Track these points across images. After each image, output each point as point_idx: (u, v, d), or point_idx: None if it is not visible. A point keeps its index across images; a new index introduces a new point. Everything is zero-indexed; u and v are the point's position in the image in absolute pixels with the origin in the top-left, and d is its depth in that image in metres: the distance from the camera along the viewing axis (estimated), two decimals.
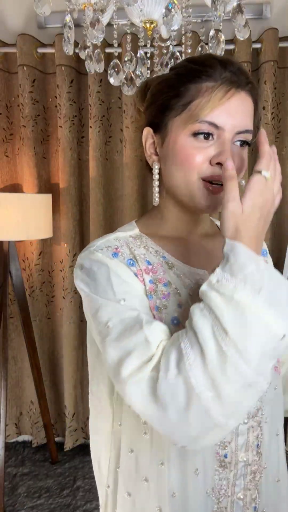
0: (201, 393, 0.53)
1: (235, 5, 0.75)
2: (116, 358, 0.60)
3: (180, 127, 0.66)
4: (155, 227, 0.75)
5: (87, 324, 0.77)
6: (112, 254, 0.67)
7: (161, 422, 0.57)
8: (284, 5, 2.03)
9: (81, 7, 0.84)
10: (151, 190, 0.75)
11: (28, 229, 1.88)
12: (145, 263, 0.69)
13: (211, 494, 0.69)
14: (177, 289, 0.68)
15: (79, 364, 2.29)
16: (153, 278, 0.68)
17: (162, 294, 0.67)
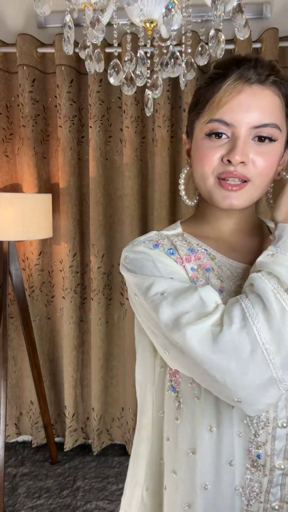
0: (264, 344, 0.57)
1: (235, 5, 0.75)
2: (173, 314, 0.62)
3: (198, 130, 0.70)
4: (197, 227, 0.79)
5: (134, 320, 0.78)
6: (153, 246, 0.71)
7: (222, 371, 0.58)
8: (284, 5, 2.03)
9: (81, 6, 0.84)
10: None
11: (28, 229, 1.88)
12: (186, 251, 0.72)
13: (240, 492, 0.68)
14: (219, 276, 0.70)
15: (79, 364, 2.29)
16: (195, 265, 0.71)
17: (203, 279, 0.69)
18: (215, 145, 0.67)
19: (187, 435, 0.71)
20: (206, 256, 0.73)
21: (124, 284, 2.19)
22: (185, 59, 0.96)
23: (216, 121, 0.66)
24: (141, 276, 0.68)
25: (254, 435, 0.67)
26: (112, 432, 2.36)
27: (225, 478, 0.68)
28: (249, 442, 0.67)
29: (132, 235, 2.11)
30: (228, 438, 0.67)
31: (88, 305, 2.27)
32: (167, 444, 0.75)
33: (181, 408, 0.71)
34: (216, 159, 0.67)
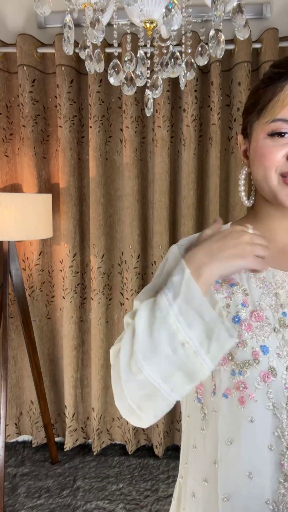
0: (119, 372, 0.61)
1: (235, 5, 0.75)
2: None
3: (259, 130, 0.70)
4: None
5: None
6: (184, 250, 0.74)
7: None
8: (284, 5, 2.03)
9: (81, 7, 0.84)
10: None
11: (28, 229, 1.88)
12: None
13: (273, 507, 0.66)
14: (246, 290, 0.71)
15: (79, 364, 2.29)
16: (220, 279, 0.71)
17: (226, 293, 0.71)
18: (278, 144, 0.67)
19: (209, 447, 0.71)
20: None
21: (124, 284, 2.19)
22: (185, 59, 0.96)
23: (280, 121, 0.66)
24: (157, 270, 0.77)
25: (287, 448, 0.65)
26: (112, 432, 2.36)
27: (249, 491, 0.66)
28: (281, 455, 0.65)
29: (132, 235, 2.12)
30: (250, 451, 0.66)
31: (88, 305, 2.27)
32: (194, 451, 0.76)
33: (206, 420, 0.72)
34: (280, 158, 0.67)
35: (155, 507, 1.89)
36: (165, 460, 2.23)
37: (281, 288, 0.70)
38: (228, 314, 0.69)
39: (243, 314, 0.68)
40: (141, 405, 0.62)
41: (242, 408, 0.65)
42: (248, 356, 0.65)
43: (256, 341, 0.66)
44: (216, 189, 2.03)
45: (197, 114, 2.03)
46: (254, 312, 0.68)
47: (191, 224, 2.07)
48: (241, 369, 0.65)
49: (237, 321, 0.68)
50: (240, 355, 0.66)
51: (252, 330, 0.67)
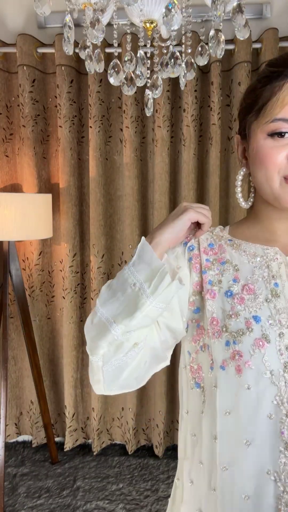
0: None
1: (235, 5, 0.75)
2: None
3: (258, 130, 0.69)
4: (246, 227, 0.80)
5: None
6: (183, 243, 0.78)
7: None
8: (284, 5, 2.03)
9: (81, 7, 0.84)
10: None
11: (28, 229, 1.88)
12: (206, 246, 0.77)
13: (273, 476, 0.65)
14: (236, 266, 0.74)
15: (79, 364, 2.29)
16: (211, 258, 0.76)
17: (217, 270, 0.75)
18: (278, 144, 0.66)
19: (208, 425, 0.72)
20: (228, 247, 0.77)
21: None
22: (185, 59, 0.96)
23: (280, 120, 0.65)
24: None
25: (286, 415, 0.65)
26: (112, 432, 2.36)
27: (249, 460, 0.66)
28: (281, 423, 0.65)
29: (132, 235, 2.12)
30: (249, 420, 0.66)
31: (88, 305, 2.27)
32: (193, 439, 0.77)
33: (205, 401, 0.73)
34: (282, 159, 0.66)
35: (155, 507, 1.89)
36: (165, 460, 2.23)
37: (273, 261, 0.73)
38: (220, 289, 0.73)
39: (235, 289, 0.72)
40: (92, 347, 0.69)
41: (239, 377, 0.66)
42: (241, 325, 0.68)
43: (249, 312, 0.69)
44: (216, 189, 2.03)
45: (197, 114, 2.03)
46: (245, 286, 0.71)
47: None
48: (235, 338, 0.68)
49: (230, 295, 0.72)
50: (234, 325, 0.69)
51: (244, 302, 0.70)
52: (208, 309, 0.72)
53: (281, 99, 0.65)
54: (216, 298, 0.72)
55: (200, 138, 2.10)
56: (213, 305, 0.72)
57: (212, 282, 0.73)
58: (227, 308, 0.71)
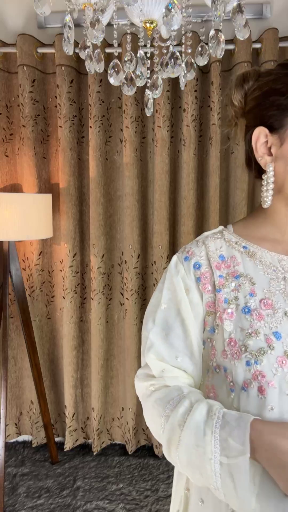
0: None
1: (235, 5, 0.75)
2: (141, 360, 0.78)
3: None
4: (255, 228, 0.76)
5: None
6: (184, 258, 0.75)
7: (147, 420, 0.74)
8: (284, 5, 2.03)
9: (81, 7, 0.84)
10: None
11: (28, 229, 1.88)
12: (217, 259, 0.73)
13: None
14: (252, 279, 0.70)
15: (79, 364, 2.29)
16: (224, 273, 0.72)
17: (232, 286, 0.71)
18: None
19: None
20: (243, 255, 0.73)
21: (124, 284, 2.19)
22: (185, 59, 0.96)
23: None
24: (158, 286, 0.78)
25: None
26: (112, 432, 2.36)
27: (272, 482, 0.64)
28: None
29: (132, 235, 2.12)
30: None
31: (88, 305, 2.27)
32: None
33: None
34: None
35: (155, 507, 1.89)
36: (165, 460, 2.23)
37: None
38: (238, 306, 0.69)
39: (252, 304, 0.68)
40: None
41: (262, 398, 0.64)
42: (262, 343, 0.65)
43: (269, 328, 0.66)
44: (216, 189, 2.03)
45: (197, 114, 2.03)
46: (263, 300, 0.68)
47: (191, 224, 2.07)
48: (256, 358, 0.65)
49: (247, 312, 0.68)
50: (254, 344, 0.66)
51: (264, 318, 0.67)
52: (225, 329, 0.69)
53: None
54: (234, 317, 0.69)
55: (200, 138, 2.10)
56: (231, 325, 0.68)
57: (228, 300, 0.70)
58: (245, 325, 0.67)
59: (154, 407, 0.70)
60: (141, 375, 0.76)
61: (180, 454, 0.63)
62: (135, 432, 2.28)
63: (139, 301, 2.19)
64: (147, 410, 0.73)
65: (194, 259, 0.74)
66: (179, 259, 0.75)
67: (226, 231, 0.78)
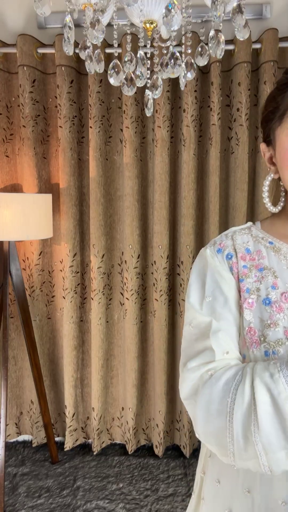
0: (233, 420, 0.61)
1: (235, 6, 0.75)
2: (185, 356, 0.73)
3: (282, 135, 0.71)
4: (280, 226, 0.80)
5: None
6: (217, 250, 0.78)
7: (192, 413, 0.68)
8: (284, 5, 2.03)
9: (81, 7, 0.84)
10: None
11: (28, 229, 1.88)
12: (243, 251, 0.77)
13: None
14: (275, 272, 0.73)
15: (79, 364, 2.29)
16: (248, 264, 0.75)
17: (255, 277, 0.74)
18: None
19: None
20: (269, 250, 0.76)
21: (124, 284, 2.20)
22: (185, 60, 0.96)
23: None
24: (193, 280, 0.77)
25: None
26: (112, 431, 2.36)
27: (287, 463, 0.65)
28: None
29: (132, 235, 2.12)
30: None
31: (88, 305, 2.27)
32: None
33: None
34: None
35: (155, 506, 1.89)
36: (165, 459, 2.23)
37: None
38: (259, 297, 0.72)
39: (273, 296, 0.71)
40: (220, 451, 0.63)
41: None
42: (280, 335, 0.68)
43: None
44: (216, 189, 2.04)
45: (197, 114, 2.03)
46: (284, 294, 0.71)
47: (191, 224, 2.08)
48: (274, 348, 0.67)
49: (268, 303, 0.71)
50: (273, 335, 0.68)
51: (283, 311, 0.69)
52: (245, 318, 0.71)
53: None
54: (254, 307, 0.72)
55: (200, 138, 2.10)
56: (251, 315, 0.71)
57: (250, 290, 0.73)
58: (265, 317, 0.70)
59: (224, 389, 0.63)
60: (193, 367, 0.69)
61: (260, 418, 0.58)
62: (135, 432, 2.28)
63: (139, 301, 2.20)
64: (206, 401, 0.64)
65: (227, 250, 0.77)
66: (213, 252, 0.78)
67: (254, 227, 0.82)
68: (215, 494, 0.77)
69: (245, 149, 2.01)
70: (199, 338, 0.71)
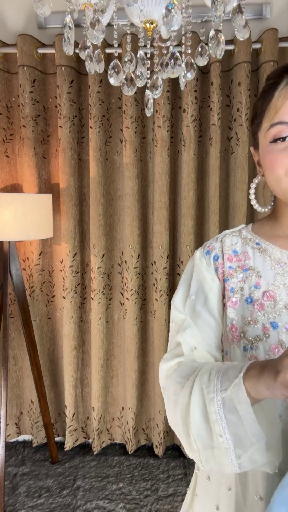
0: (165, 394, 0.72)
1: (235, 6, 0.75)
2: (168, 348, 0.80)
3: (262, 139, 0.74)
4: (269, 227, 0.83)
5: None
6: (205, 253, 0.82)
7: (165, 400, 0.73)
8: (284, 5, 2.04)
9: (81, 7, 0.84)
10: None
11: (28, 229, 1.88)
12: (230, 253, 0.81)
13: (278, 475, 0.65)
14: (259, 272, 0.76)
15: (79, 364, 2.29)
16: (234, 265, 0.79)
17: (240, 277, 0.77)
18: (282, 147, 0.70)
19: None
20: (255, 251, 0.79)
21: (124, 284, 2.20)
22: (185, 60, 0.96)
23: (277, 124, 0.69)
24: (182, 279, 0.83)
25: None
26: (112, 431, 2.36)
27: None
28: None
29: (132, 235, 2.12)
30: (264, 423, 0.63)
31: (88, 305, 2.27)
32: None
33: None
34: (286, 161, 0.70)
35: (155, 506, 1.89)
36: (165, 459, 2.23)
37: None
38: (242, 296, 0.75)
39: (255, 295, 0.74)
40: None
41: None
42: (259, 331, 0.71)
43: (267, 318, 0.72)
44: (216, 189, 2.04)
45: (197, 114, 2.03)
46: (266, 292, 0.74)
47: (191, 224, 2.08)
48: (252, 344, 0.71)
49: (250, 302, 0.74)
50: (252, 331, 0.71)
51: (264, 309, 0.72)
52: (228, 316, 0.75)
53: (274, 106, 0.70)
54: (238, 306, 0.75)
55: (200, 138, 2.10)
56: (234, 313, 0.75)
57: (234, 289, 0.76)
58: (246, 314, 0.73)
59: (177, 381, 0.68)
60: (167, 358, 0.76)
61: (192, 414, 0.61)
62: (135, 431, 2.28)
63: (139, 301, 2.20)
64: (168, 392, 0.69)
65: (214, 252, 0.81)
66: (202, 254, 0.82)
67: (244, 229, 0.85)
68: (205, 490, 0.80)
69: (245, 149, 2.01)
70: (175, 334, 0.78)
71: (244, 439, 0.57)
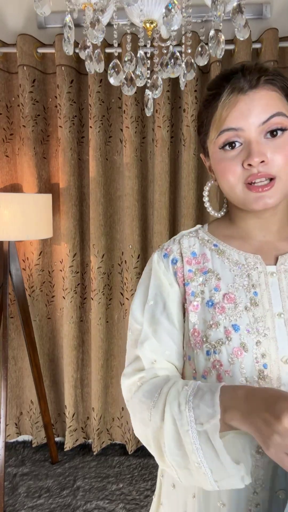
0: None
1: (235, 5, 0.75)
2: (127, 360, 0.79)
3: (212, 147, 0.74)
4: (224, 227, 0.83)
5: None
6: (163, 255, 0.80)
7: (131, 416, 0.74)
8: (284, 5, 2.03)
9: (81, 7, 0.84)
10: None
11: (28, 229, 1.88)
12: (189, 255, 0.79)
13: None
14: (218, 275, 0.76)
15: (79, 364, 2.29)
16: (194, 268, 0.78)
17: (200, 281, 0.76)
18: (232, 155, 0.70)
19: None
20: (213, 253, 0.78)
21: (124, 284, 2.19)
22: (185, 60, 0.96)
23: (224, 131, 0.69)
24: (139, 284, 0.82)
25: None
26: (112, 432, 2.36)
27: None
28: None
29: (132, 235, 2.12)
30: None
31: (88, 305, 2.27)
32: None
33: None
34: (238, 167, 0.70)
35: None
36: None
37: (254, 270, 0.75)
38: (203, 299, 0.75)
39: (216, 298, 0.74)
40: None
41: None
42: (221, 335, 0.70)
43: (229, 321, 0.71)
44: (216, 189, 2.03)
45: (197, 114, 2.03)
46: (226, 295, 0.73)
47: (191, 224, 2.08)
48: (215, 348, 0.70)
49: (211, 305, 0.73)
50: (214, 335, 0.71)
51: (225, 311, 0.72)
52: (190, 320, 0.74)
53: (219, 116, 0.70)
54: (199, 310, 0.74)
55: None
56: (195, 317, 0.74)
57: (195, 293, 0.75)
58: (208, 318, 0.73)
59: (142, 401, 0.68)
60: (128, 373, 0.75)
61: (166, 442, 0.62)
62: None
63: None
64: (133, 409, 0.71)
65: (172, 255, 0.80)
66: (159, 257, 0.81)
67: (201, 230, 0.84)
68: (171, 499, 0.80)
69: None
70: (132, 345, 0.77)
71: (221, 470, 0.59)
